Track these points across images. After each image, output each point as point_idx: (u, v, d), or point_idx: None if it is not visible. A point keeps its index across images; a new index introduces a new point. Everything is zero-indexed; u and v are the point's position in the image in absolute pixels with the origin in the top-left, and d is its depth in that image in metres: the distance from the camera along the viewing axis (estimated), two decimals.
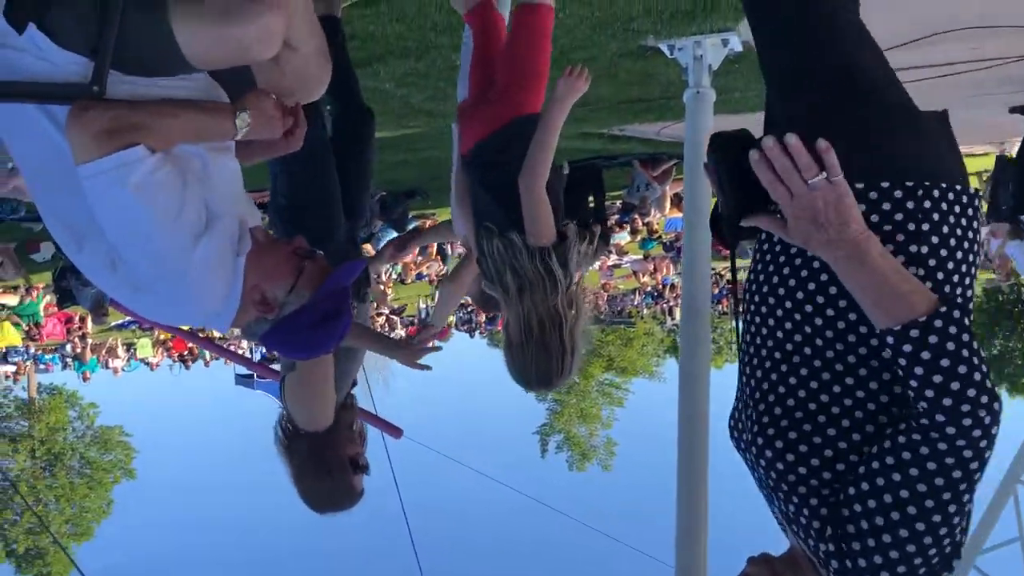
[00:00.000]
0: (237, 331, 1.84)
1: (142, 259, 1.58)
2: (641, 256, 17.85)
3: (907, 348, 1.27)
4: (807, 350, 1.45)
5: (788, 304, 1.49)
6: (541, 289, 2.47)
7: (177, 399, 36.08)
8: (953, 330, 1.26)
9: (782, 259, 1.53)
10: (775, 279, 1.53)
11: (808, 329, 1.45)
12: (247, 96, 1.75)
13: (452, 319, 19.29)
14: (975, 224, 1.48)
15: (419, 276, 15.94)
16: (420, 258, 14.80)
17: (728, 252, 1.63)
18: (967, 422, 1.25)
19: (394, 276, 15.28)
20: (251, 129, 1.73)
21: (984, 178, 12.45)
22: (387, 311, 16.10)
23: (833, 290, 1.43)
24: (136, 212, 1.53)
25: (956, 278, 1.43)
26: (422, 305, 17.24)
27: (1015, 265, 9.32)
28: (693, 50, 4.12)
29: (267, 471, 2.79)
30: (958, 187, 1.46)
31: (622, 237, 14.82)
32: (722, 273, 27.40)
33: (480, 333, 21.97)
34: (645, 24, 3.85)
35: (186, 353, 18.45)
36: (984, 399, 1.26)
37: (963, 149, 1.59)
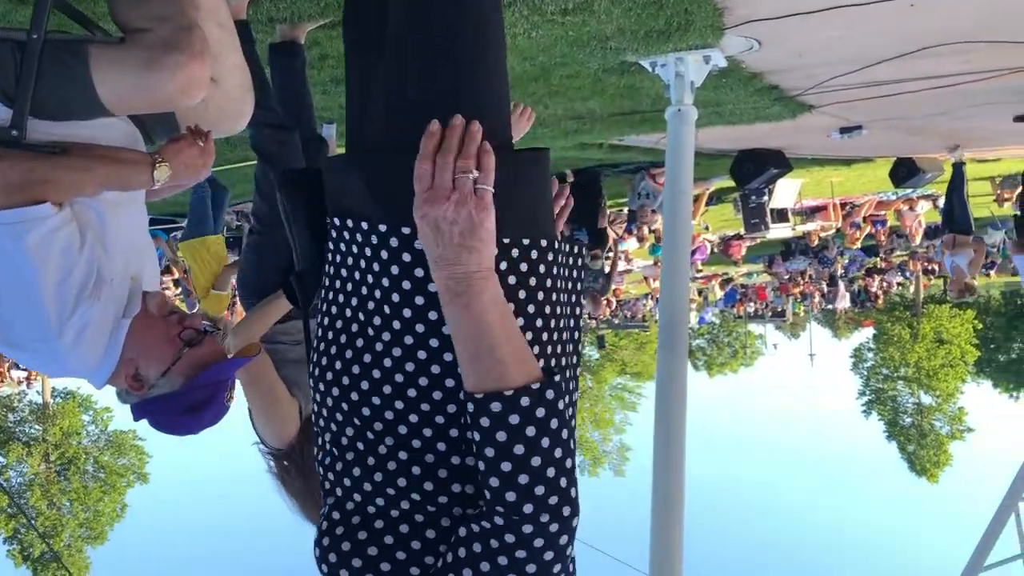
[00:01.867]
0: None
1: (18, 317, 1.54)
2: (651, 262, 17.75)
3: (484, 422, 1.07)
4: (360, 445, 1.21)
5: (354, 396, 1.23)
6: None
7: None
8: (540, 412, 1.07)
9: (341, 334, 1.26)
10: (338, 367, 1.25)
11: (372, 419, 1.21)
12: (167, 147, 1.70)
13: None
14: (559, 284, 1.28)
15: None
16: None
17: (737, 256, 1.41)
18: (527, 529, 1.05)
19: None
20: (172, 177, 1.69)
21: (996, 182, 12.32)
22: None
23: (400, 378, 1.20)
24: (23, 271, 1.49)
25: (555, 347, 1.26)
26: None
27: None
28: (675, 66, 4.04)
29: None
30: (543, 241, 1.25)
31: (630, 244, 14.72)
32: (732, 276, 27.36)
33: None
34: (621, 43, 3.77)
35: None
36: (553, 500, 1.06)
37: (978, 155, 1.35)
